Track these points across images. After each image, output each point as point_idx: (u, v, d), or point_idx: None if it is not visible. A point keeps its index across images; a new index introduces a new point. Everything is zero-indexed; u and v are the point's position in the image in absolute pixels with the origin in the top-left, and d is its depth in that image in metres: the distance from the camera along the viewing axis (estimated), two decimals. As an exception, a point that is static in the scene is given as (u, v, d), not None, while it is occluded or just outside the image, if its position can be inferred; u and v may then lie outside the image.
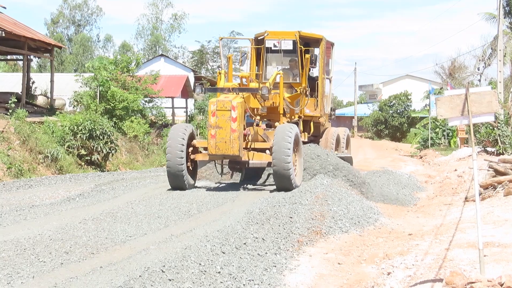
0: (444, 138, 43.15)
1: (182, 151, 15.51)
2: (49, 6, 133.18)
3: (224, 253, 9.07)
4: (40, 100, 34.45)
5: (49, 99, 34.64)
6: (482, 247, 7.78)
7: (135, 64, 37.39)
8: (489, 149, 28.46)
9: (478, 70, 53.89)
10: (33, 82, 36.68)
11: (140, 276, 7.49)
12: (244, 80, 16.86)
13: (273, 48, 19.78)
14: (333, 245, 11.30)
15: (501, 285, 6.93)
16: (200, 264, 8.36)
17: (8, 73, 57.58)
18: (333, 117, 23.99)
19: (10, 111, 27.78)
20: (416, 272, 8.85)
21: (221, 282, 8.00)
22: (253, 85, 16.86)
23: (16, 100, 28.97)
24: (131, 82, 34.76)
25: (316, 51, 20.47)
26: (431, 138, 43.14)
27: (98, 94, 32.52)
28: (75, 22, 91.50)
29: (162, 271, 7.78)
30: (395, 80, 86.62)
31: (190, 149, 16.30)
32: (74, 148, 27.52)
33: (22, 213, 12.75)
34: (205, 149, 16.11)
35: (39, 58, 43.81)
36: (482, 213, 9.20)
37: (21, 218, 12.23)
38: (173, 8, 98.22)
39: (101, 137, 27.63)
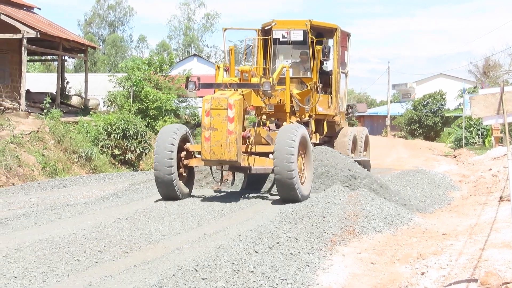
0: (479, 137, 42.82)
1: (171, 155, 13.52)
2: (83, 6, 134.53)
3: (257, 252, 9.08)
4: (75, 100, 34.76)
5: (83, 99, 34.89)
6: (518, 247, 7.72)
7: (168, 64, 37.65)
8: (524, 148, 28.20)
9: (513, 68, 53.39)
10: (67, 82, 37.00)
11: (173, 275, 7.53)
12: (245, 74, 14.53)
13: (281, 40, 18.07)
14: (367, 245, 11.26)
15: (537, 285, 6.88)
16: (233, 263, 8.37)
17: (43, 73, 58.11)
18: (350, 115, 22.70)
19: (45, 111, 28.11)
20: (450, 272, 8.80)
21: (254, 281, 8.02)
22: (255, 80, 14.68)
23: (51, 100, 29.31)
24: (164, 82, 34.95)
25: (330, 42, 18.83)
26: (465, 137, 42.84)
27: (131, 94, 32.73)
28: (108, 23, 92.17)
29: (196, 270, 7.81)
30: (429, 79, 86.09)
31: (183, 153, 14.25)
32: (108, 147, 27.80)
33: (57, 212, 12.87)
34: (200, 153, 14.07)
35: (73, 58, 44.13)
36: (518, 213, 9.13)
37: (56, 217, 12.35)
38: (206, 8, 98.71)
39: (134, 137, 27.87)
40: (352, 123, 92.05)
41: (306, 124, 17.15)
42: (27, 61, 29.65)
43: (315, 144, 17.11)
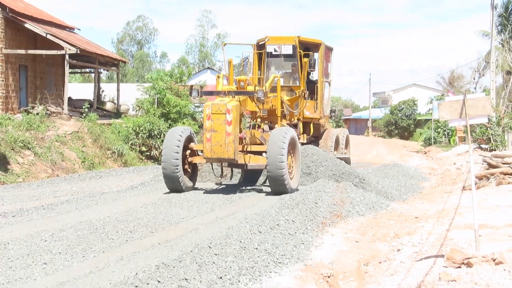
0: (445, 137, 42.84)
1: (178, 153, 13.33)
2: (116, 27, 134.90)
3: (260, 232, 9.09)
4: (108, 106, 34.79)
5: (116, 105, 34.95)
6: (478, 228, 7.72)
7: (186, 76, 37.75)
8: (483, 146, 28.29)
9: (474, 79, 53.47)
10: (102, 91, 37.02)
11: (191, 251, 7.54)
12: (242, 83, 14.35)
13: (273, 53, 17.65)
14: (352, 226, 11.27)
15: (494, 260, 6.88)
16: (240, 241, 8.38)
17: (82, 83, 58.24)
18: (333, 118, 22.24)
19: (84, 114, 28.17)
20: (421, 249, 8.80)
21: (258, 256, 8.02)
22: (250, 88, 14.41)
23: (89, 106, 29.41)
24: (183, 91, 34.97)
25: (316, 55, 18.19)
26: (434, 137, 42.88)
27: (156, 100, 32.81)
28: (136, 41, 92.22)
29: (209, 247, 7.82)
30: (403, 88, 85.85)
31: (188, 151, 13.99)
32: (136, 145, 28.02)
33: (94, 199, 12.90)
34: (202, 151, 13.79)
35: (107, 71, 44.15)
36: (477, 200, 9.15)
37: (93, 203, 12.37)
38: (217, 29, 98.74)
39: (158, 136, 28.19)
40: (339, 124, 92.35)
41: (295, 126, 17.01)
42: (69, 73, 29.65)
43: (303, 143, 16.80)
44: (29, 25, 28.13)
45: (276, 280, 7.38)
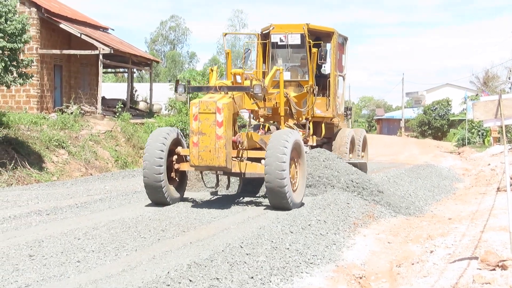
0: (479, 137, 42.36)
1: (161, 159, 11.13)
2: (149, 27, 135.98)
3: (292, 232, 9.08)
4: (141, 105, 35.09)
5: (149, 104, 35.22)
6: (513, 231, 7.62)
7: (219, 75, 37.85)
8: (518, 146, 27.95)
9: (509, 79, 52.79)
10: (135, 91, 37.34)
11: (222, 250, 7.56)
12: (238, 77, 12.11)
13: (279, 43, 15.61)
14: (384, 227, 11.21)
15: (529, 263, 6.80)
16: (272, 241, 8.38)
17: (115, 83, 58.84)
18: (349, 117, 19.86)
19: (117, 114, 28.43)
20: (455, 251, 8.72)
21: (289, 256, 8.02)
22: (248, 83, 11.94)
23: (122, 105, 29.69)
24: (215, 90, 35.11)
25: (328, 46, 16.39)
26: (468, 137, 42.43)
27: (188, 100, 32.93)
28: (169, 41, 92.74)
29: (241, 247, 7.83)
30: (437, 88, 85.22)
31: (175, 157, 11.76)
32: (168, 144, 28.08)
33: (127, 198, 13.00)
34: None
35: (140, 71, 44.53)
36: (513, 201, 9.03)
37: (126, 201, 12.47)
38: (248, 28, 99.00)
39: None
40: (372, 124, 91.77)
41: (304, 126, 15.25)
42: (103, 73, 29.96)
43: (312, 147, 15.18)
44: (63, 25, 28.47)
45: (307, 280, 7.36)
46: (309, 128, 15.35)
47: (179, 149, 11.79)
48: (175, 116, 31.03)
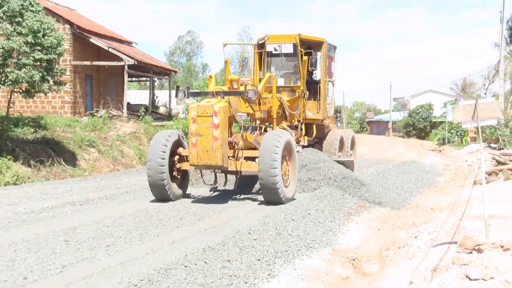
0: (458, 137, 42.22)
1: (163, 159, 10.88)
2: (168, 42, 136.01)
3: (293, 220, 9.09)
4: (161, 110, 35.11)
5: (168, 109, 35.25)
6: (487, 218, 7.60)
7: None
8: (492, 145, 27.89)
9: (484, 86, 52.73)
10: (156, 97, 37.40)
11: (233, 236, 7.58)
12: (234, 83, 11.80)
13: (274, 52, 15.16)
14: (374, 216, 11.20)
15: (502, 246, 6.79)
16: (276, 228, 8.39)
17: (139, 90, 58.89)
18: (338, 119, 19.46)
19: (140, 117, 28.48)
20: (436, 236, 8.71)
21: (291, 241, 8.02)
22: (243, 88, 11.71)
23: (145, 110, 29.73)
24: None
25: (319, 54, 15.96)
26: (448, 137, 42.33)
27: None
28: (186, 53, 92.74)
29: (249, 233, 7.85)
30: (420, 94, 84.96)
31: (176, 157, 11.49)
32: (185, 144, 28.18)
33: (149, 190, 13.00)
34: None
35: (160, 79, 44.55)
36: (487, 193, 8.99)
37: (149, 194, 12.43)
38: (254, 41, 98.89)
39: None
40: (363, 126, 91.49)
41: (296, 128, 14.70)
42: (128, 81, 29.98)
43: (304, 146, 14.58)
44: (93, 40, 28.54)
45: (307, 262, 7.37)
46: (301, 129, 14.86)
47: (180, 149, 11.53)
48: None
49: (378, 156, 28.80)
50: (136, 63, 28.87)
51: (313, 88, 15.64)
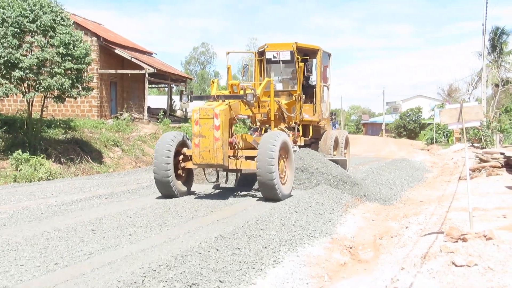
0: (444, 137, 42.06)
1: (169, 158, 10.57)
2: (184, 52, 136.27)
3: (296, 212, 9.06)
4: (178, 113, 35.12)
5: (184, 112, 35.27)
6: (471, 211, 7.55)
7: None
8: (475, 144, 27.73)
9: (468, 91, 52.51)
10: (173, 102, 37.40)
11: (242, 226, 7.56)
12: (234, 88, 11.48)
13: (272, 59, 14.80)
14: (369, 208, 11.16)
15: (485, 236, 6.75)
16: (281, 219, 8.37)
17: (158, 95, 59.04)
18: (334, 121, 18.72)
19: (159, 120, 28.50)
20: (425, 226, 8.66)
21: (294, 231, 8.01)
22: (242, 92, 11.39)
23: (163, 113, 29.78)
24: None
25: (315, 61, 15.45)
26: (435, 137, 42.17)
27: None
28: (200, 62, 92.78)
29: (256, 223, 7.83)
30: (411, 98, 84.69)
31: (181, 157, 11.17)
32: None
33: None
34: None
35: (177, 86, 44.57)
36: (471, 187, 8.95)
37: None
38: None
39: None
40: (359, 127, 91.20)
41: (293, 129, 14.16)
42: (148, 87, 30.03)
43: (300, 146, 14.09)
44: (118, 51, 28.59)
45: (309, 250, 7.35)
46: (298, 130, 14.38)
47: (184, 150, 11.21)
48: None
49: (373, 155, 28.71)
50: (155, 71, 28.89)
51: (309, 92, 15.33)
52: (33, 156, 17.38)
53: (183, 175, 11.33)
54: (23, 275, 5.50)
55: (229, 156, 10.55)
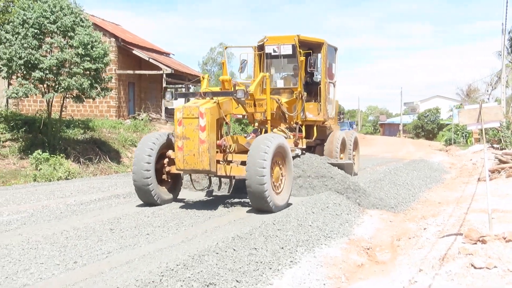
0: (463, 138, 41.67)
1: (149, 164, 9.33)
2: (201, 52, 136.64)
3: (313, 213, 9.03)
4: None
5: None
6: (491, 212, 7.48)
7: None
8: (495, 145, 27.40)
9: (487, 92, 51.94)
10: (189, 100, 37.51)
11: (259, 226, 7.56)
12: (226, 84, 10.30)
13: (272, 54, 13.41)
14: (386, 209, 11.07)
15: (504, 238, 6.67)
16: (298, 220, 8.36)
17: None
18: (342, 120, 16.83)
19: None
20: (443, 228, 8.58)
21: (311, 231, 7.99)
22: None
23: (180, 113, 29.76)
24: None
25: (319, 56, 14.19)
26: (454, 138, 41.78)
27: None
28: (217, 63, 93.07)
29: (273, 224, 7.82)
30: (429, 99, 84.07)
31: (166, 160, 9.86)
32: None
33: (185, 184, 12.99)
34: None
35: (194, 86, 44.75)
36: (490, 189, 8.84)
37: (183, 188, 12.46)
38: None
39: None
40: (376, 128, 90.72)
41: (295, 130, 12.93)
42: (166, 87, 30.21)
43: (302, 149, 12.80)
44: (136, 51, 28.80)
45: (326, 250, 7.33)
46: (300, 131, 13.11)
47: (170, 152, 9.82)
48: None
49: (390, 155, 28.52)
50: (173, 71, 29.05)
51: (314, 90, 14.06)
52: (52, 156, 17.58)
53: (169, 180, 10.08)
54: (42, 273, 5.56)
55: (218, 161, 9.38)
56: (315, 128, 14.09)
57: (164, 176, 9.91)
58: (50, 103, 19.52)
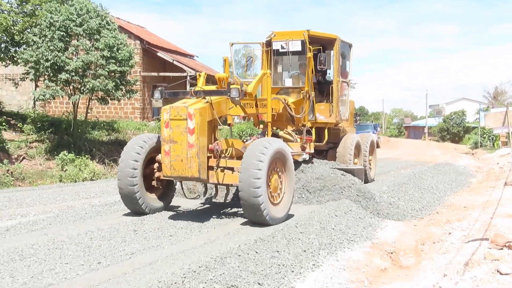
0: (489, 141, 41.05)
1: (135, 169, 8.45)
2: (225, 54, 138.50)
3: (336, 216, 8.98)
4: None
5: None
6: (518, 217, 7.35)
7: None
8: (522, 149, 26.97)
9: (515, 94, 51.10)
10: (213, 103, 37.66)
11: (281, 229, 7.54)
12: (223, 83, 9.30)
13: (280, 50, 12.41)
14: (411, 213, 10.95)
15: (531, 244, 6.56)
16: (320, 222, 8.32)
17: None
18: (358, 122, 16.09)
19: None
20: (469, 233, 8.46)
21: (334, 235, 7.95)
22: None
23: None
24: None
25: (332, 53, 13.26)
26: (480, 141, 41.20)
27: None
28: (241, 65, 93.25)
29: (296, 227, 7.80)
30: (455, 101, 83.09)
31: (156, 165, 8.85)
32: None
33: (209, 186, 13.03)
34: None
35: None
36: (518, 193, 8.73)
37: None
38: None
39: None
40: (401, 130, 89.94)
41: (306, 132, 11.98)
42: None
43: (311, 154, 11.94)
44: (160, 54, 29.06)
45: (348, 254, 7.28)
46: (310, 134, 12.23)
47: (159, 156, 8.70)
48: (245, 124, 31.15)
49: (415, 158, 28.24)
50: (196, 74, 29.22)
51: (325, 90, 13.12)
52: (78, 157, 17.83)
53: (160, 187, 9.14)
54: (67, 273, 5.64)
55: (211, 167, 8.39)
56: (326, 130, 13.04)
57: (154, 182, 8.97)
58: (76, 104, 19.81)
